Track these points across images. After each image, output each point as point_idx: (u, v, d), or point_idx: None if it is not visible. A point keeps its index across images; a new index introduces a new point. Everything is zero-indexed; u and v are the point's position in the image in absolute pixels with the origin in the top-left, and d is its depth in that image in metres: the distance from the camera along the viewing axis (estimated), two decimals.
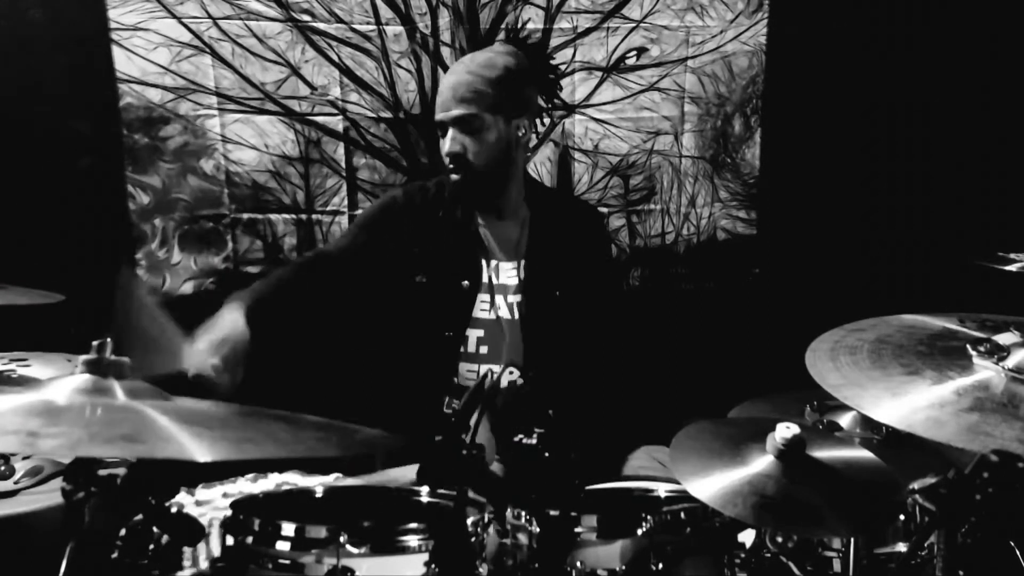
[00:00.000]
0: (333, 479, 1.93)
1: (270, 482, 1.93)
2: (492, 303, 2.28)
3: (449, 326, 2.27)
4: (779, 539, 1.57)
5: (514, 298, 2.29)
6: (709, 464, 1.49)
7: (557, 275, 2.30)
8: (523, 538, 1.54)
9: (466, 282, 2.27)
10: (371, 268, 2.27)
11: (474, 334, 2.28)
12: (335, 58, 3.00)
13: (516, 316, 2.29)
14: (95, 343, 1.26)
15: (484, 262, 2.29)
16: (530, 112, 2.29)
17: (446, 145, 2.20)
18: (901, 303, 1.57)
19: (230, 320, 1.94)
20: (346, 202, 3.08)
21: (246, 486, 1.90)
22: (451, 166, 2.21)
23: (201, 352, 1.85)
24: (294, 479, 1.95)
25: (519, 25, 3.05)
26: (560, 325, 2.28)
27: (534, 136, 2.49)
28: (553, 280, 2.30)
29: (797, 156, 3.29)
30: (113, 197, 2.93)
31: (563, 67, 3.01)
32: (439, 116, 2.21)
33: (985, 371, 1.28)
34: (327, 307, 2.29)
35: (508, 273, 2.30)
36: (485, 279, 2.29)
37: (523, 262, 2.30)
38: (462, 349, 2.27)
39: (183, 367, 1.80)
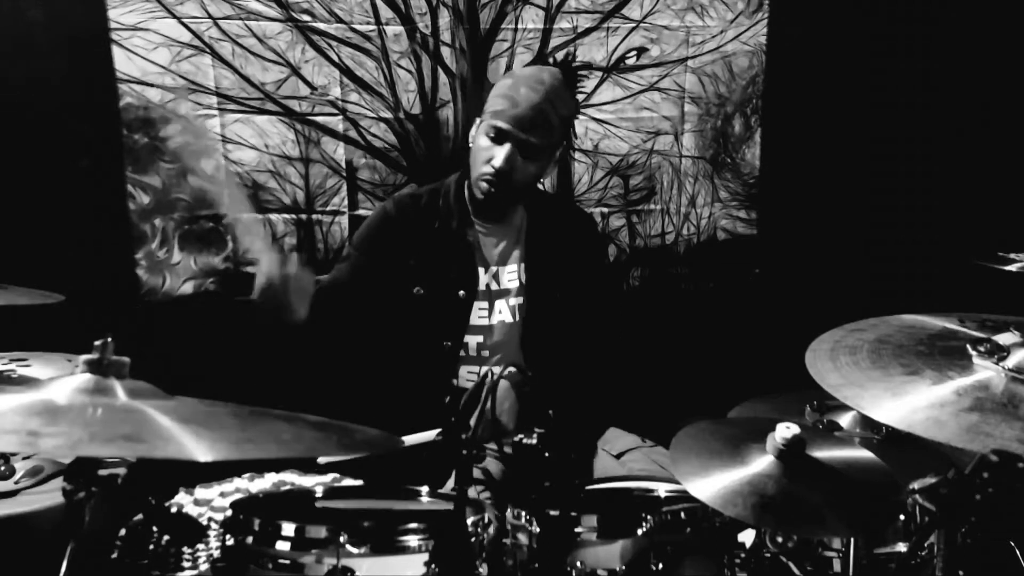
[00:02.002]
0: (331, 479, 1.93)
1: (267, 481, 1.93)
2: (491, 309, 2.28)
3: (447, 336, 2.26)
4: (779, 539, 1.57)
5: (515, 301, 2.29)
6: (709, 464, 1.49)
7: (556, 277, 2.30)
8: (523, 538, 1.54)
9: (462, 292, 2.26)
10: (373, 285, 2.26)
11: (473, 340, 2.28)
12: (335, 58, 3.00)
13: (518, 319, 2.29)
14: (97, 343, 1.26)
15: (482, 270, 2.29)
16: (566, 143, 2.32)
17: (499, 159, 2.14)
18: (901, 303, 1.57)
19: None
20: (346, 202, 3.07)
21: (243, 485, 1.90)
22: (490, 178, 2.17)
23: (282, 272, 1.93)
24: (292, 478, 1.95)
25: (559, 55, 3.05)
26: (560, 326, 2.28)
27: None
28: (553, 282, 2.30)
29: (797, 156, 3.29)
30: (113, 197, 2.93)
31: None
32: (507, 127, 2.13)
33: (985, 371, 1.28)
34: (340, 328, 2.27)
35: (509, 277, 2.30)
36: (483, 286, 2.29)
37: (523, 265, 2.30)
38: (462, 354, 2.28)
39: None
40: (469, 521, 1.50)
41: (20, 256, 2.66)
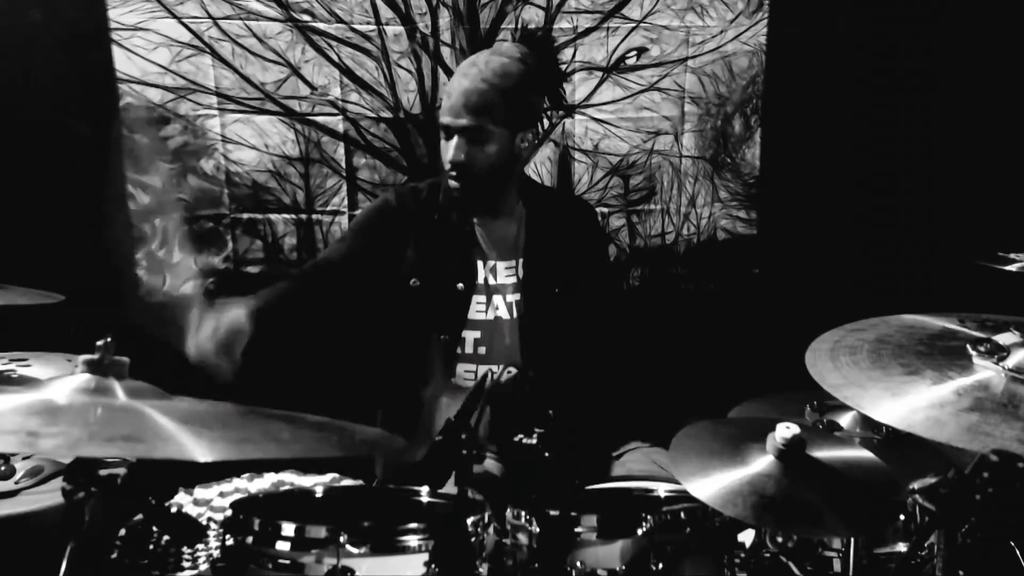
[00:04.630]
0: (331, 479, 1.93)
1: (266, 481, 1.93)
2: (488, 304, 2.28)
3: (444, 329, 2.26)
4: (779, 539, 1.57)
5: (512, 297, 2.29)
6: (709, 464, 1.49)
7: (555, 273, 2.30)
8: (523, 538, 1.54)
9: (461, 284, 2.26)
10: (367, 273, 2.26)
11: (471, 335, 2.27)
12: (335, 58, 3.00)
13: (515, 315, 2.29)
14: (99, 343, 1.26)
15: (480, 263, 2.29)
16: (535, 123, 2.28)
17: (449, 152, 2.16)
18: (901, 303, 1.57)
19: (232, 312, 1.94)
20: (346, 202, 3.07)
21: (243, 485, 1.90)
22: (452, 173, 2.18)
23: (203, 338, 1.87)
24: (291, 478, 1.95)
25: (521, 24, 3.05)
26: (559, 323, 2.28)
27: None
28: (552, 278, 2.30)
29: (797, 156, 3.28)
30: (113, 197, 2.93)
31: (564, 67, 3.02)
32: (446, 120, 2.17)
33: (985, 371, 1.28)
34: (327, 313, 2.28)
35: (506, 272, 2.30)
36: (480, 280, 2.28)
37: (521, 260, 2.30)
38: (459, 350, 2.27)
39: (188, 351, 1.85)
40: (469, 521, 1.50)
41: (20, 256, 2.66)
